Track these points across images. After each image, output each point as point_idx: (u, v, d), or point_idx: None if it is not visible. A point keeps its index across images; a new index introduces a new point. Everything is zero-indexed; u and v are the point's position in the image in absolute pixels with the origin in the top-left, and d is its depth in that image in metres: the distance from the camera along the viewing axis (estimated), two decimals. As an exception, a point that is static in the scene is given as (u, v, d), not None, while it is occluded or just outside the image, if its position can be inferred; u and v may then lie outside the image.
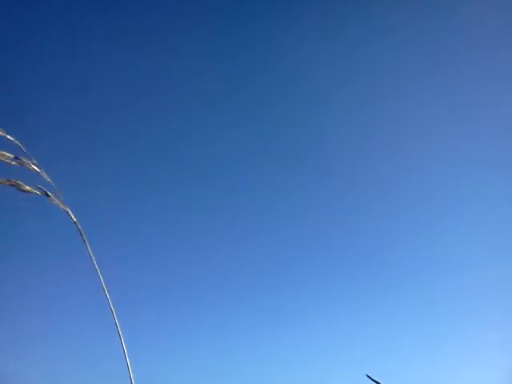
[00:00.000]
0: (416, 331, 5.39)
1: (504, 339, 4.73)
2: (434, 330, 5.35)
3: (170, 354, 5.02)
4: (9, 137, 1.05)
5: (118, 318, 1.16)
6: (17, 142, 1.05)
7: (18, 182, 1.05)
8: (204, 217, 6.04)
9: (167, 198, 5.99)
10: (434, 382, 4.84)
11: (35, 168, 1.07)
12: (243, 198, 6.05)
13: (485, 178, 5.74)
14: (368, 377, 2.03)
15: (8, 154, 1.05)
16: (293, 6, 5.72)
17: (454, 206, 5.85)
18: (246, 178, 6.10)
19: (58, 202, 1.08)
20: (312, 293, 5.76)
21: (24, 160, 1.06)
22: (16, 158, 1.05)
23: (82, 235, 1.10)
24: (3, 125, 1.02)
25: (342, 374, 4.96)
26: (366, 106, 5.94)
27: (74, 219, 1.09)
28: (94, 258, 1.10)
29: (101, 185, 5.84)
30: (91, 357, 4.90)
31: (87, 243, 1.10)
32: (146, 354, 4.78)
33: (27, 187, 1.05)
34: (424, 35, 5.77)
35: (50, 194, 1.08)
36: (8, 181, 1.04)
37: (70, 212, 1.09)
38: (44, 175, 1.07)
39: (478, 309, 5.28)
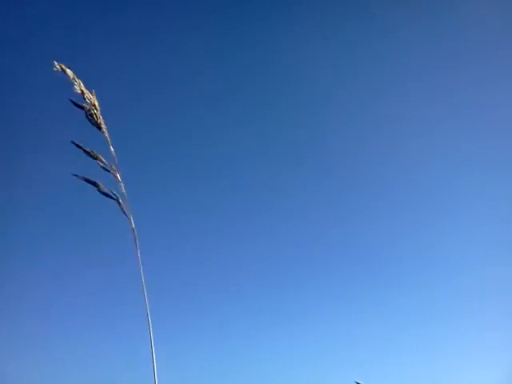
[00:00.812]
0: (416, 331, 5.39)
1: (504, 339, 4.73)
2: (434, 330, 5.35)
3: (170, 354, 5.02)
4: (111, 148, 1.20)
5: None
6: (114, 153, 1.19)
7: (101, 184, 1.18)
8: (204, 217, 6.04)
9: (167, 198, 6.00)
10: (433, 382, 4.84)
11: (118, 177, 1.20)
12: (243, 198, 6.05)
13: (485, 178, 5.74)
14: None
15: (104, 160, 1.19)
16: (293, 6, 5.72)
17: (453, 206, 5.85)
18: (246, 178, 6.10)
19: (125, 209, 1.20)
20: (312, 293, 5.76)
21: (114, 169, 1.20)
22: (109, 164, 1.20)
23: (135, 242, 1.22)
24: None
25: (341, 374, 4.96)
26: (366, 106, 5.94)
27: (133, 226, 1.21)
28: (141, 265, 1.21)
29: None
30: (90, 357, 4.90)
31: (139, 250, 1.22)
32: (146, 354, 4.78)
33: (106, 190, 1.18)
34: (424, 35, 5.77)
35: (121, 201, 1.20)
36: (94, 181, 1.18)
37: (131, 220, 1.21)
38: (122, 186, 1.20)
39: (478, 309, 5.28)
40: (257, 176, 6.11)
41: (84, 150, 1.18)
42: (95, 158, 1.18)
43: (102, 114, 1.19)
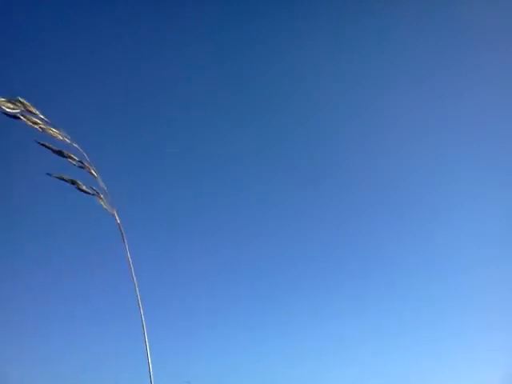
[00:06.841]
0: (416, 331, 5.40)
1: (504, 339, 4.73)
2: (434, 330, 5.36)
3: (170, 354, 5.03)
4: (75, 145, 1.18)
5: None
6: (82, 150, 1.18)
7: (78, 181, 1.18)
8: (204, 217, 6.05)
9: (167, 198, 6.00)
10: (434, 382, 4.85)
11: (94, 173, 1.20)
12: (243, 198, 6.06)
13: (485, 178, 5.74)
14: None
15: (75, 157, 1.18)
16: (293, 8, 5.72)
17: (454, 206, 5.86)
18: (246, 178, 6.10)
19: (107, 205, 1.21)
20: (312, 293, 5.77)
21: (86, 165, 1.19)
22: (80, 161, 1.19)
23: (123, 237, 1.22)
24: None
25: (342, 374, 4.96)
26: (366, 106, 5.95)
27: (118, 221, 1.22)
28: (130, 259, 1.21)
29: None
30: (91, 357, 4.91)
31: (127, 245, 1.22)
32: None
33: (84, 187, 1.19)
34: (424, 35, 5.77)
35: (102, 196, 1.20)
36: (70, 179, 1.18)
37: (116, 215, 1.21)
38: (99, 180, 1.20)
39: (478, 309, 5.28)
40: (257, 176, 6.12)
41: (52, 150, 1.15)
42: (66, 157, 1.17)
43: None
